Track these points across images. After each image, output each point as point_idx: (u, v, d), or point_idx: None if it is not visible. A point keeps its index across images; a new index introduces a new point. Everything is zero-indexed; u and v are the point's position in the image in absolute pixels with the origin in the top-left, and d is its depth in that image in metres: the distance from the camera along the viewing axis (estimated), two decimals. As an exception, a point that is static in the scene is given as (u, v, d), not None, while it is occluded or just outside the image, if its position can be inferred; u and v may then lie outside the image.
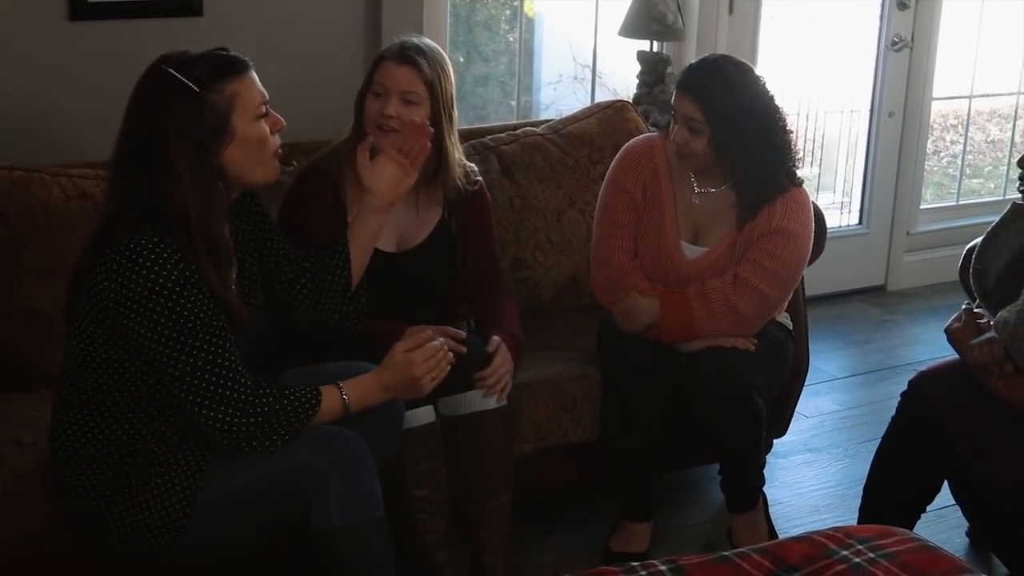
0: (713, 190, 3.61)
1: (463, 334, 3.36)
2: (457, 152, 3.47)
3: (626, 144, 3.77)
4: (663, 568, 2.47)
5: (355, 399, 2.83)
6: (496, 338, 3.40)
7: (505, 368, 3.37)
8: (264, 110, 2.79)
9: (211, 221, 2.69)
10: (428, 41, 3.43)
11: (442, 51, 3.43)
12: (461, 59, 5.14)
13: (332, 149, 3.46)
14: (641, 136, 3.84)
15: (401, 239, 3.45)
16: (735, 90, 3.46)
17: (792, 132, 3.61)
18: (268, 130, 2.80)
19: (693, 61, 3.62)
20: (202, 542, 2.77)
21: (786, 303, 3.71)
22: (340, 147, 3.44)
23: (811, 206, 3.64)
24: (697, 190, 3.62)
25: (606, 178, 3.74)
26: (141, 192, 2.65)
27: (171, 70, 2.68)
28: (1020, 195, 3.33)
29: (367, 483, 2.80)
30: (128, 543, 2.75)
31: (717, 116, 3.42)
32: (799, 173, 3.61)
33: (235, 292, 2.80)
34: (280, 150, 2.86)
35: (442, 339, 2.98)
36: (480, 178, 3.60)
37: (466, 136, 4.17)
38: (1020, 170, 3.26)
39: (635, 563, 2.51)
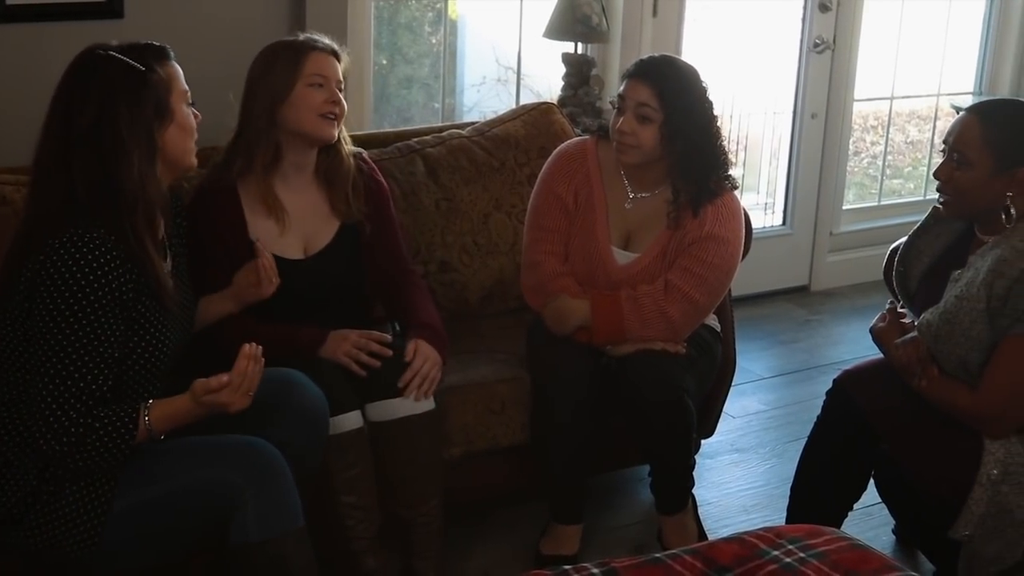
0: (645, 195, 3.61)
1: (388, 338, 3.35)
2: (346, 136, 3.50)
3: (558, 148, 3.77)
4: (596, 571, 2.47)
5: (160, 421, 2.70)
6: (410, 345, 3.35)
7: (428, 365, 3.34)
8: (190, 97, 2.85)
9: (156, 201, 2.75)
10: None
11: None
12: (384, 61, 5.12)
13: (216, 164, 3.40)
14: (573, 140, 3.84)
15: (308, 243, 3.43)
16: (689, 83, 3.51)
17: (725, 139, 3.64)
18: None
19: (644, 56, 3.64)
20: (119, 552, 2.73)
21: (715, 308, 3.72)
22: (229, 158, 3.37)
23: (742, 213, 3.66)
24: (631, 195, 3.63)
25: (538, 182, 3.73)
26: (91, 175, 2.66)
27: (112, 52, 2.72)
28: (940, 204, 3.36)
29: (284, 495, 2.77)
30: (47, 553, 2.70)
31: (671, 102, 3.44)
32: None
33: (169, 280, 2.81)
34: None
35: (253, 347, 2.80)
36: (372, 163, 3.61)
37: (391, 138, 4.17)
38: (937, 182, 3.29)
39: (568, 566, 2.51)
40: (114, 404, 2.66)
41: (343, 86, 3.37)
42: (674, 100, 3.45)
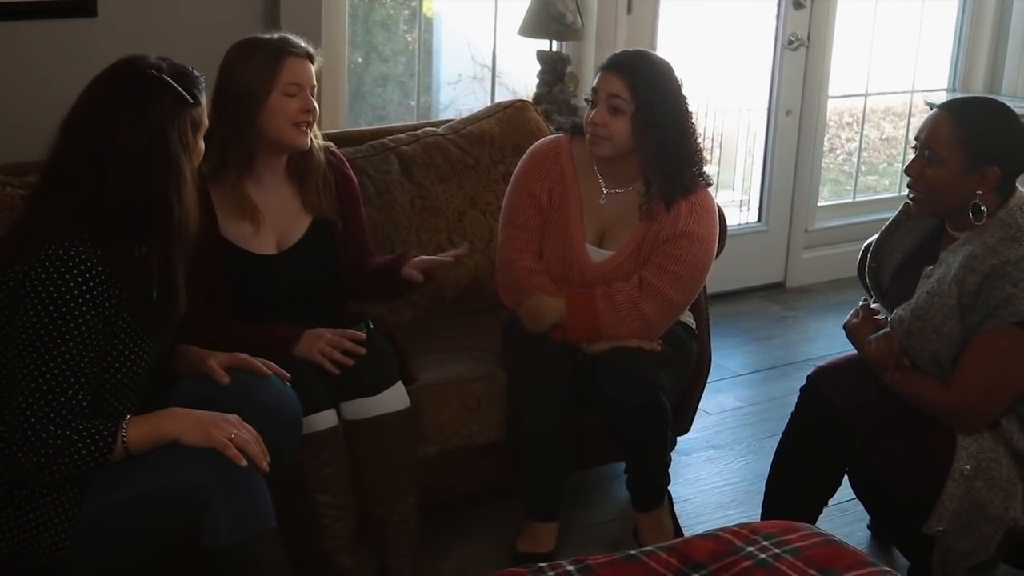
0: (619, 191, 3.62)
1: (362, 335, 3.34)
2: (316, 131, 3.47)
3: (532, 146, 3.78)
4: (571, 568, 2.47)
5: (135, 439, 2.67)
6: (409, 271, 3.42)
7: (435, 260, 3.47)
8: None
9: (195, 226, 2.79)
10: None
11: None
12: (360, 59, 5.11)
13: None
14: (547, 138, 3.84)
15: (281, 239, 3.41)
16: (661, 76, 3.53)
17: (699, 136, 3.65)
18: None
19: (616, 51, 3.67)
20: (91, 555, 2.71)
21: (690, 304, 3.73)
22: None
23: (716, 209, 3.67)
24: (605, 191, 3.63)
25: (512, 180, 3.74)
26: (130, 194, 2.65)
27: (167, 78, 2.70)
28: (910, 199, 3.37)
29: (254, 496, 2.75)
30: (18, 558, 2.69)
31: (642, 94, 3.46)
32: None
33: None
34: None
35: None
36: (342, 157, 3.60)
37: (366, 137, 4.16)
38: (908, 178, 3.31)
39: (543, 564, 2.51)
40: (93, 419, 2.65)
41: (316, 89, 3.35)
42: (645, 92, 3.46)
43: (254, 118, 3.27)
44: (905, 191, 3.37)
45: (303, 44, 3.33)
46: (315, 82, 3.34)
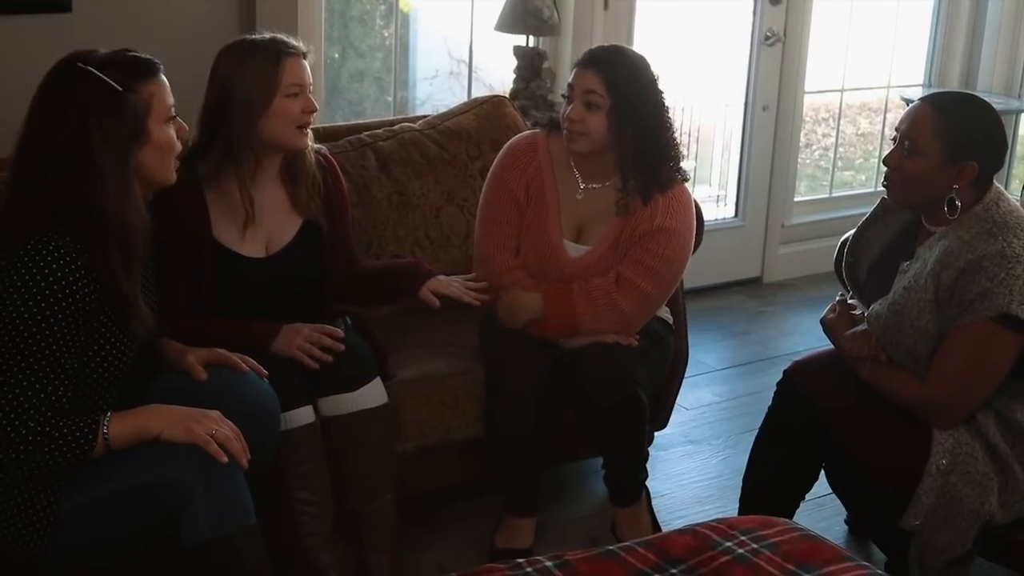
0: (597, 186, 3.62)
1: (341, 332, 3.33)
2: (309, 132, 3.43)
3: (509, 142, 3.77)
4: (549, 564, 2.47)
5: (117, 435, 2.66)
6: (424, 295, 3.47)
7: (455, 288, 3.50)
8: (173, 112, 2.79)
9: (132, 223, 2.69)
10: None
11: None
12: (336, 55, 5.10)
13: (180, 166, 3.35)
14: (524, 133, 3.83)
15: (270, 242, 3.39)
16: (637, 71, 3.52)
17: (676, 131, 3.66)
18: (175, 134, 2.80)
19: (592, 47, 3.67)
20: (72, 551, 2.70)
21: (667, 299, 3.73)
22: (196, 161, 3.28)
23: (693, 205, 3.67)
24: (582, 186, 3.63)
25: (489, 176, 3.73)
26: (67, 194, 2.61)
27: (91, 68, 2.65)
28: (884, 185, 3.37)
29: (234, 492, 2.73)
30: None
31: (618, 89, 3.45)
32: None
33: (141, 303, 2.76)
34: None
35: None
36: (334, 161, 3.58)
37: (343, 132, 4.15)
38: (885, 168, 3.31)
39: (521, 559, 2.51)
40: (74, 415, 2.63)
41: (312, 87, 3.33)
42: (621, 87, 3.46)
43: (257, 122, 3.23)
44: (882, 187, 3.37)
45: (296, 42, 3.30)
46: (311, 79, 3.32)
